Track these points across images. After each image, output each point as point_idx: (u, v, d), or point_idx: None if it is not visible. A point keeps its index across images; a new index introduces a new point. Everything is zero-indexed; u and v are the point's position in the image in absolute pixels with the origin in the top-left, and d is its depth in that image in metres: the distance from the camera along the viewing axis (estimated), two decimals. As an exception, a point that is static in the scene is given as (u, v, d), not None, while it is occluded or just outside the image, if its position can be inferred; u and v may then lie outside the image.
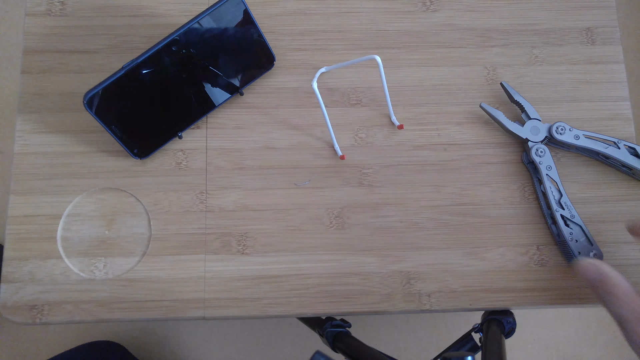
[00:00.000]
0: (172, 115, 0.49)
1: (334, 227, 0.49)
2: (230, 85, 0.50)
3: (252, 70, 0.51)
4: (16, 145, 0.50)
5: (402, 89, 0.53)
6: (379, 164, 0.51)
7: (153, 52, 0.44)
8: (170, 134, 0.50)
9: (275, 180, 0.50)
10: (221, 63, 0.49)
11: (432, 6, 0.55)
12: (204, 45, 0.47)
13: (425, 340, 1.13)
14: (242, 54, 0.49)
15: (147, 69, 0.45)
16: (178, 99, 0.48)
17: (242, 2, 0.46)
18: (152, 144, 0.49)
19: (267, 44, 0.50)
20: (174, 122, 0.49)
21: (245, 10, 0.46)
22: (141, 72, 0.44)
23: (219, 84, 0.50)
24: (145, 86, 0.46)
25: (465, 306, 0.48)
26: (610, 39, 0.54)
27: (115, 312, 0.47)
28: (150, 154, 0.49)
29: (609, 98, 0.53)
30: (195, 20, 0.45)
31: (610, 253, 0.49)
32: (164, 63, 0.45)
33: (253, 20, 0.48)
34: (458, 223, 0.50)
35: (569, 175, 0.51)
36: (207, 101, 0.50)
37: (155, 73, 0.45)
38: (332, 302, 0.48)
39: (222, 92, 0.50)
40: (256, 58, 0.50)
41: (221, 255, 0.48)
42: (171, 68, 0.46)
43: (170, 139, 0.50)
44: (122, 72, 0.44)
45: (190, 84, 0.48)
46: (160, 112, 0.48)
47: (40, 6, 0.53)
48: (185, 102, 0.49)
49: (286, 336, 1.12)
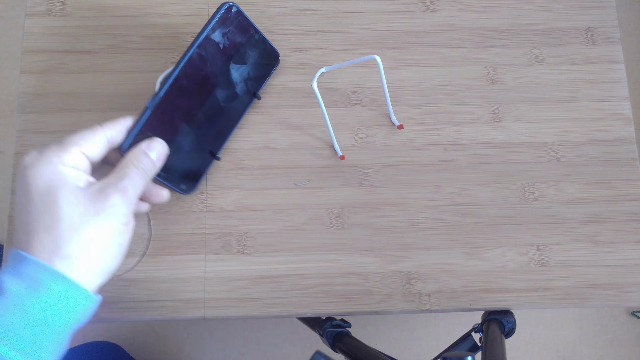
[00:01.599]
0: (205, 139, 0.48)
1: (334, 227, 0.49)
2: (247, 92, 0.50)
3: (262, 71, 0.51)
4: (16, 145, 0.50)
5: (402, 89, 0.53)
6: (379, 164, 0.51)
7: (170, 84, 0.43)
8: (209, 159, 0.49)
9: (275, 180, 0.50)
10: (234, 73, 0.48)
11: (432, 6, 0.55)
12: (214, 61, 0.46)
13: (425, 340, 1.13)
14: (250, 58, 0.49)
15: (170, 101, 0.43)
16: (206, 121, 0.47)
17: (234, 6, 0.45)
18: (195, 175, 0.48)
19: (268, 42, 0.50)
20: (208, 145, 0.48)
21: (240, 13, 0.46)
22: (165, 106, 0.43)
23: (237, 94, 0.49)
24: (173, 118, 0.45)
25: (465, 306, 0.48)
26: (610, 39, 0.54)
27: (115, 312, 0.47)
28: (196, 185, 0.48)
29: (609, 98, 0.53)
30: (200, 39, 0.44)
31: (611, 253, 0.49)
32: (184, 91, 0.44)
33: (250, 22, 0.47)
34: (458, 223, 0.50)
35: (569, 175, 0.51)
36: (232, 114, 0.49)
37: (178, 103, 0.44)
38: (332, 302, 0.48)
39: (242, 100, 0.50)
40: (262, 58, 0.50)
41: (221, 255, 0.48)
42: (192, 92, 0.45)
43: (210, 164, 0.49)
44: (149, 112, 0.42)
45: (213, 103, 0.47)
46: (194, 139, 0.47)
47: (40, 6, 0.53)
48: (213, 122, 0.48)
49: (286, 336, 1.12)
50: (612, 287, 0.49)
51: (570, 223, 0.50)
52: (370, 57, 0.43)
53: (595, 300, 0.48)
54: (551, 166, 0.51)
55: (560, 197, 0.50)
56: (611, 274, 0.49)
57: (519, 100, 0.53)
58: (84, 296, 0.34)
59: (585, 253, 0.49)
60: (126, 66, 0.52)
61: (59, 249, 0.33)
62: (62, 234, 0.34)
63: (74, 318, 0.34)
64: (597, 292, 0.49)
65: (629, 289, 0.49)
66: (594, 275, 0.49)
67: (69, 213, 0.34)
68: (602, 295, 0.48)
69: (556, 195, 0.51)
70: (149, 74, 0.52)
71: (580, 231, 0.50)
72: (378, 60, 0.44)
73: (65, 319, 0.33)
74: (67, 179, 0.35)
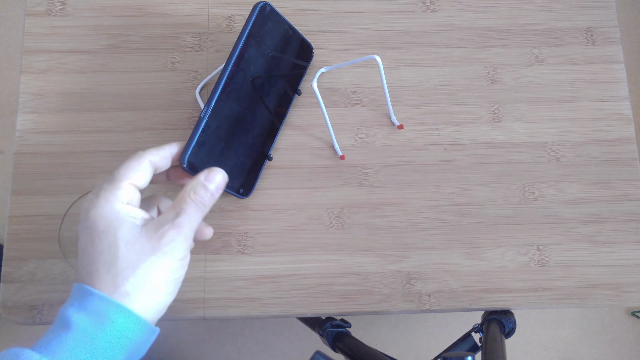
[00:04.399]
0: (257, 141, 0.48)
1: (334, 227, 0.49)
2: (289, 89, 0.50)
3: (299, 67, 0.51)
4: (16, 145, 0.50)
5: (402, 89, 0.53)
6: (379, 164, 0.51)
7: (220, 91, 0.43)
8: (262, 158, 0.49)
9: (276, 180, 0.50)
10: (274, 72, 0.48)
11: (432, 6, 0.55)
12: (256, 62, 0.46)
13: (425, 340, 1.13)
14: (287, 55, 0.49)
15: (221, 108, 0.44)
16: (255, 123, 0.48)
17: (268, 5, 0.45)
18: (252, 177, 0.48)
19: (302, 37, 0.50)
20: (260, 146, 0.49)
21: (273, 11, 0.46)
22: (217, 114, 0.43)
23: (280, 92, 0.49)
24: (225, 125, 0.45)
25: (465, 306, 0.48)
26: (610, 39, 0.54)
27: (115, 312, 0.47)
28: (254, 187, 0.49)
29: (609, 98, 0.53)
30: (241, 42, 0.44)
31: (610, 253, 0.49)
32: (232, 96, 0.44)
33: (284, 19, 0.48)
34: (458, 223, 0.50)
35: (569, 175, 0.51)
36: (277, 112, 0.50)
37: (228, 109, 0.44)
38: (332, 302, 0.48)
39: (285, 98, 0.50)
40: (298, 53, 0.51)
41: (221, 255, 0.48)
42: (240, 97, 0.45)
43: (263, 164, 0.49)
44: (203, 122, 0.42)
45: (259, 104, 0.47)
46: (246, 142, 0.47)
47: (40, 6, 0.53)
48: (262, 123, 0.48)
49: (286, 336, 1.12)
50: (612, 287, 0.49)
51: (570, 223, 0.50)
52: (370, 57, 0.43)
53: (595, 300, 0.48)
54: (551, 166, 0.51)
55: (560, 197, 0.50)
56: (611, 274, 0.49)
57: (519, 100, 0.53)
58: (146, 329, 0.35)
59: (585, 253, 0.49)
60: (126, 66, 0.52)
61: (118, 287, 0.34)
62: (120, 272, 0.35)
63: (135, 350, 0.35)
64: (597, 292, 0.49)
65: (629, 289, 0.49)
66: (594, 275, 0.49)
67: (127, 252, 0.35)
68: (602, 295, 0.48)
69: (556, 195, 0.51)
70: (149, 74, 0.52)
71: (580, 231, 0.50)
72: (378, 60, 0.44)
73: (127, 350, 0.34)
74: (124, 218, 0.36)
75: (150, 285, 0.35)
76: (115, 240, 0.35)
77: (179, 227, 0.36)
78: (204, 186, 0.39)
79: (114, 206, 0.36)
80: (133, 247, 0.35)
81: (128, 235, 0.35)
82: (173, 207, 0.38)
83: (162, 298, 0.37)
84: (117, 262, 0.35)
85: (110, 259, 0.35)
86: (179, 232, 0.36)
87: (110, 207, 0.36)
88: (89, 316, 0.33)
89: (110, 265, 0.35)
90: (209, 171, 0.40)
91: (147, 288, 0.35)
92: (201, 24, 0.53)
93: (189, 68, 0.52)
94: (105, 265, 0.35)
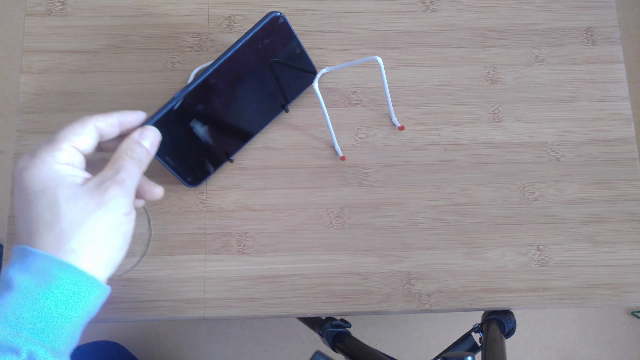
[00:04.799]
0: (223, 140, 0.48)
1: (334, 227, 0.49)
2: (276, 103, 0.50)
3: (296, 85, 0.50)
4: (16, 145, 0.50)
5: (402, 89, 0.53)
6: (379, 164, 0.51)
7: (203, 80, 0.43)
8: (222, 159, 0.49)
9: (275, 180, 0.50)
10: (267, 82, 0.48)
11: (432, 6, 0.55)
12: (250, 66, 0.45)
13: (425, 340, 1.13)
14: (287, 71, 0.48)
15: (197, 96, 0.44)
16: (229, 123, 0.47)
17: (282, 17, 0.44)
18: (204, 171, 0.48)
19: (308, 57, 0.49)
20: (225, 146, 0.48)
21: (285, 24, 0.45)
22: (191, 101, 0.43)
23: (266, 103, 0.49)
24: (197, 113, 0.45)
25: (465, 306, 0.48)
26: (610, 39, 0.54)
27: (115, 312, 0.47)
28: (203, 181, 0.49)
29: (609, 98, 0.53)
30: (242, 42, 0.43)
31: (610, 253, 0.49)
32: (214, 89, 0.44)
33: (294, 35, 0.46)
34: (458, 223, 0.50)
35: (569, 175, 0.51)
36: (256, 121, 0.49)
37: (204, 100, 0.44)
38: (332, 302, 0.48)
39: (269, 110, 0.50)
40: (299, 73, 0.50)
41: (221, 255, 0.48)
42: (220, 92, 0.45)
43: (222, 164, 0.49)
44: (174, 103, 0.42)
45: (238, 107, 0.47)
46: (212, 138, 0.47)
47: (40, 6, 0.53)
48: (234, 125, 0.48)
49: (286, 336, 1.12)
50: (612, 287, 0.49)
51: (570, 223, 0.50)
52: (371, 57, 0.43)
53: (595, 300, 0.48)
54: (551, 166, 0.51)
55: (560, 197, 0.50)
56: (611, 274, 0.49)
57: (519, 100, 0.53)
58: (94, 286, 0.35)
59: (585, 253, 0.49)
60: (126, 66, 0.52)
61: (63, 245, 0.34)
62: (64, 230, 0.34)
63: (85, 308, 0.35)
64: (597, 292, 0.49)
65: (629, 289, 0.49)
66: (594, 275, 0.49)
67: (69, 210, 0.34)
68: (602, 295, 0.48)
69: (556, 195, 0.51)
70: (149, 74, 0.52)
71: (580, 231, 0.50)
72: (379, 61, 0.44)
73: (77, 309, 0.34)
74: (63, 177, 0.35)
75: (99, 240, 0.35)
76: (56, 198, 0.34)
77: (120, 183, 0.36)
78: (139, 143, 0.39)
79: (52, 166, 0.35)
80: (76, 204, 0.35)
81: (69, 193, 0.35)
82: (111, 166, 0.37)
83: (111, 254, 0.36)
84: (59, 220, 0.34)
85: (52, 217, 0.34)
86: (121, 188, 0.36)
87: (47, 168, 0.35)
88: (32, 276, 0.33)
89: (52, 224, 0.34)
90: (142, 129, 0.40)
91: (94, 244, 0.35)
92: (201, 24, 0.53)
93: (189, 68, 0.52)
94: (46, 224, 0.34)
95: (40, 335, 0.32)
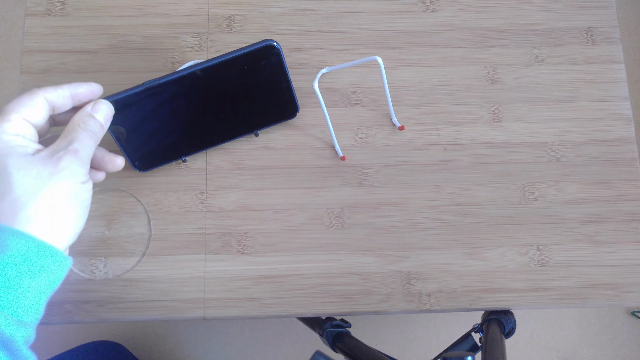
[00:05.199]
0: (181, 139, 0.48)
1: (334, 227, 0.49)
2: (247, 124, 0.49)
3: (273, 116, 0.50)
4: (16, 145, 0.50)
5: (402, 89, 0.53)
6: (379, 164, 0.51)
7: (177, 77, 0.43)
8: (175, 156, 0.49)
9: (275, 180, 0.50)
10: (243, 102, 0.48)
11: (432, 6, 0.55)
12: (230, 81, 0.45)
13: (425, 340, 1.13)
14: (267, 99, 0.48)
15: (167, 90, 0.44)
16: (190, 125, 0.47)
17: (277, 48, 0.44)
18: (154, 161, 0.49)
19: (293, 94, 0.49)
20: (181, 145, 0.49)
21: (279, 55, 0.45)
22: (160, 92, 0.44)
23: (236, 121, 0.49)
24: (161, 106, 0.45)
25: (465, 306, 0.48)
26: (610, 39, 0.54)
27: (115, 312, 0.47)
28: (151, 169, 0.49)
29: (609, 98, 0.53)
30: (229, 57, 0.43)
31: (610, 253, 0.49)
32: (185, 89, 0.44)
33: (284, 68, 0.46)
34: (458, 223, 0.50)
35: (569, 175, 0.51)
36: (219, 133, 0.49)
37: (174, 96, 0.45)
38: (332, 302, 0.48)
39: (238, 128, 0.49)
40: (280, 105, 0.49)
41: (221, 255, 0.48)
42: (191, 95, 0.45)
43: (173, 160, 0.49)
44: (141, 88, 0.43)
45: (206, 114, 0.47)
46: (170, 133, 0.47)
47: (40, 6, 0.53)
48: (197, 130, 0.48)
49: (286, 336, 1.12)
50: (612, 287, 0.49)
51: (570, 223, 0.50)
52: (371, 58, 0.43)
53: (595, 300, 0.48)
54: (551, 166, 0.51)
55: (560, 197, 0.51)
56: (611, 274, 0.49)
57: (519, 100, 0.53)
58: (53, 255, 0.34)
59: (585, 253, 0.49)
60: (126, 66, 0.52)
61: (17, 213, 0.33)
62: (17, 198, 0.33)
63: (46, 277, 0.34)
64: (597, 292, 0.49)
65: (629, 289, 0.49)
66: (594, 275, 0.49)
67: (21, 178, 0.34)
68: (602, 295, 0.48)
69: (556, 195, 0.51)
70: (149, 74, 0.52)
71: (580, 231, 0.50)
72: (379, 61, 0.44)
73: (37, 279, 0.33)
74: (13, 148, 0.35)
75: (57, 208, 0.34)
76: (6, 167, 0.34)
77: (74, 152, 0.36)
78: (92, 116, 0.39)
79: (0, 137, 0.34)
80: (28, 172, 0.34)
81: (20, 162, 0.34)
82: (64, 137, 0.37)
83: (70, 221, 0.36)
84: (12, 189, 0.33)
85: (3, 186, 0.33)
86: (75, 157, 0.36)
87: None
88: None
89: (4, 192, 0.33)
90: (95, 102, 0.40)
91: (52, 212, 0.34)
92: (201, 24, 0.53)
93: (189, 68, 0.52)
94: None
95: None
